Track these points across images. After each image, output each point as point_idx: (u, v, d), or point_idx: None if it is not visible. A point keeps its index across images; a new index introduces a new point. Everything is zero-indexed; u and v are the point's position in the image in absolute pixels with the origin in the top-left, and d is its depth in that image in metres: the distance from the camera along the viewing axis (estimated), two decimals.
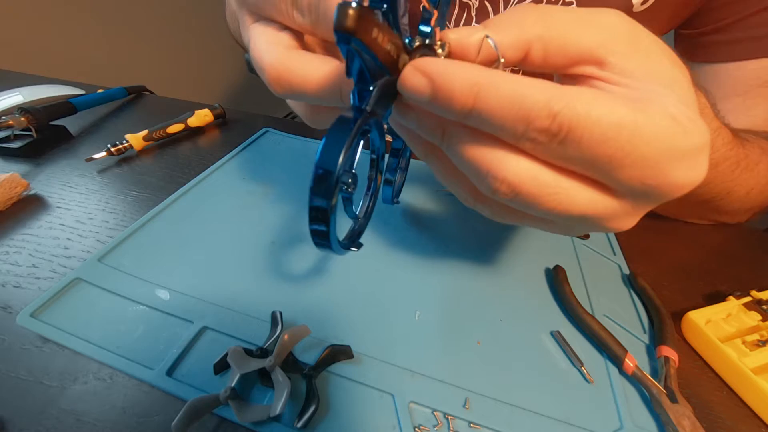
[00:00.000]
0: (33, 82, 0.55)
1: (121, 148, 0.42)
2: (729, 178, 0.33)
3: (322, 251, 0.21)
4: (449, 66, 0.14)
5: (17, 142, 0.41)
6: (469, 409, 0.23)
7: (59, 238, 0.32)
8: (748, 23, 0.36)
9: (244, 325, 0.25)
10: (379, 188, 0.22)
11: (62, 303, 0.26)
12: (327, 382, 0.23)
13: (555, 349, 0.27)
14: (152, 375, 0.22)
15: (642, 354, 0.27)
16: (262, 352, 0.22)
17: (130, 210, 0.35)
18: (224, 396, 0.20)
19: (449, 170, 0.19)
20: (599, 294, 0.31)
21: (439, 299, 0.29)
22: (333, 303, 0.28)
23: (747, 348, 0.25)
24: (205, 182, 0.39)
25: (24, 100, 0.50)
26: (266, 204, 0.37)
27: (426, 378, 0.24)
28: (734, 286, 0.31)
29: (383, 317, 0.27)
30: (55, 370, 0.23)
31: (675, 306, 0.30)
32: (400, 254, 0.32)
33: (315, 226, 0.16)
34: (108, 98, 0.54)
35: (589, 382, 0.25)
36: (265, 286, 0.29)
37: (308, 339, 0.25)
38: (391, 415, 0.22)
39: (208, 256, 0.30)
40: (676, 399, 0.23)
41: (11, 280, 0.28)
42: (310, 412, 0.20)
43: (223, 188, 0.38)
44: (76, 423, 0.21)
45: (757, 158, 0.34)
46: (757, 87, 0.38)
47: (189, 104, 0.55)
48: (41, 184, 0.38)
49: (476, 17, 0.46)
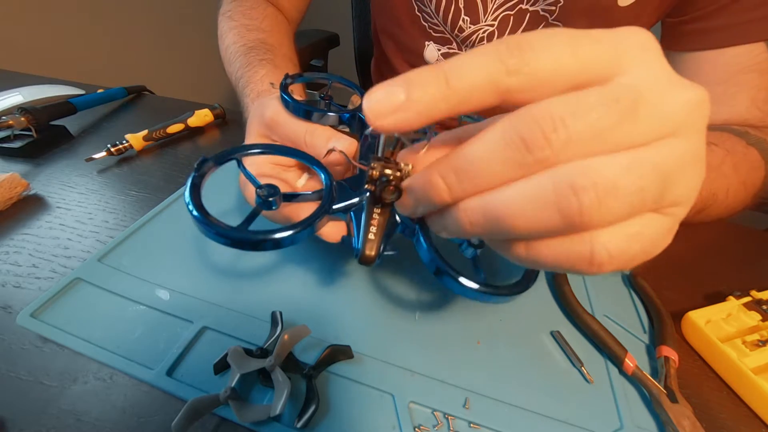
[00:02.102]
0: (33, 82, 0.55)
1: (121, 148, 0.42)
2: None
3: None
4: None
5: (17, 142, 0.41)
6: (469, 409, 0.23)
7: (59, 238, 0.32)
8: (728, 10, 0.36)
9: (244, 325, 0.25)
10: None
11: (62, 303, 0.26)
12: (327, 382, 0.23)
13: (555, 349, 0.27)
14: (152, 375, 0.22)
15: (642, 354, 0.27)
16: (262, 352, 0.22)
17: (130, 210, 0.35)
18: (224, 396, 0.20)
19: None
20: (599, 294, 0.31)
21: (440, 300, 0.29)
22: (333, 303, 0.28)
23: (747, 348, 0.25)
24: (206, 182, 0.39)
25: (24, 100, 0.50)
26: None
27: (426, 378, 0.24)
28: (734, 286, 0.31)
29: (383, 317, 0.27)
30: (55, 370, 0.23)
31: (675, 306, 0.30)
32: (401, 254, 0.32)
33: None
34: (108, 98, 0.54)
35: (589, 382, 0.25)
36: (265, 286, 0.29)
37: (308, 339, 0.25)
38: (391, 415, 0.22)
39: (208, 256, 0.30)
40: (676, 399, 0.23)
41: (11, 280, 0.28)
42: (310, 412, 0.20)
43: (223, 188, 0.38)
44: (76, 423, 0.21)
45: (720, 160, 0.33)
46: (737, 74, 0.38)
47: (189, 104, 0.55)
48: (41, 184, 0.38)
49: (464, 9, 0.46)
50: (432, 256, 0.19)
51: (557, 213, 0.12)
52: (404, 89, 0.13)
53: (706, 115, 0.13)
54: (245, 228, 0.18)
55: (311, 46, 0.89)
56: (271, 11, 0.53)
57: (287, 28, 0.54)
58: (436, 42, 0.52)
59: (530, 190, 0.13)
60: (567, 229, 0.13)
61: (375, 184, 0.19)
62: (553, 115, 0.12)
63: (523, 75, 0.12)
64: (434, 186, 0.15)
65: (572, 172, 0.12)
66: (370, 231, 0.20)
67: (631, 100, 0.12)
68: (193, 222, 0.18)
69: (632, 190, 0.12)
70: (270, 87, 0.37)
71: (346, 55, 0.94)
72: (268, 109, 0.27)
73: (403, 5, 0.51)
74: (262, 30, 0.49)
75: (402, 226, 0.21)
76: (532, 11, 0.44)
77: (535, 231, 0.13)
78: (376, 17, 0.61)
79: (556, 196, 0.12)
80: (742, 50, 0.37)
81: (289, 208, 0.23)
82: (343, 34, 0.96)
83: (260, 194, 0.19)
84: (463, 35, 0.48)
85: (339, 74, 0.31)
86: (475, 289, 0.18)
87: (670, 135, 0.13)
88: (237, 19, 0.50)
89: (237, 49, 0.45)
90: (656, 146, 0.13)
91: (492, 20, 0.46)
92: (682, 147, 0.13)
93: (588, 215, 0.12)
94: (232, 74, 0.45)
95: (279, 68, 0.42)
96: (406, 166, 0.18)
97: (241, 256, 0.31)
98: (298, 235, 0.18)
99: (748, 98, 0.38)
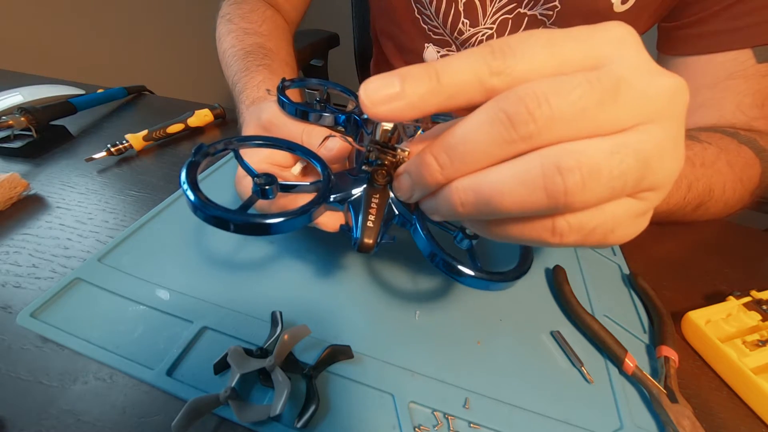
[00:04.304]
0: (33, 82, 0.55)
1: (121, 148, 0.42)
2: (696, 176, 0.33)
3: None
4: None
5: (17, 142, 0.41)
6: (469, 409, 0.23)
7: (59, 238, 0.32)
8: (718, 18, 0.37)
9: (244, 325, 0.25)
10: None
11: (62, 303, 0.26)
12: (327, 382, 0.23)
13: (555, 349, 0.27)
14: (152, 375, 0.22)
15: (642, 354, 0.27)
16: (262, 352, 0.22)
17: (130, 210, 0.35)
18: (224, 396, 0.20)
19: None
20: (599, 294, 0.31)
21: (439, 299, 0.29)
22: (333, 303, 0.28)
23: (747, 348, 0.25)
24: (205, 182, 0.39)
25: (24, 100, 0.50)
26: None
27: (426, 378, 0.24)
28: (734, 286, 0.31)
29: (383, 317, 0.27)
30: (55, 370, 0.23)
31: (675, 306, 0.30)
32: (400, 253, 0.32)
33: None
34: (108, 98, 0.54)
35: (589, 382, 0.25)
36: (265, 286, 0.29)
37: (308, 339, 0.25)
38: (391, 415, 0.22)
39: (208, 256, 0.30)
40: (676, 399, 0.23)
41: (11, 280, 0.28)
42: (310, 412, 0.20)
43: (223, 188, 0.38)
44: (76, 423, 0.21)
45: (714, 157, 0.34)
46: (725, 79, 0.38)
47: (189, 104, 0.55)
48: (41, 184, 0.38)
49: (464, 12, 0.46)
50: (429, 243, 0.20)
51: (544, 193, 0.13)
52: (399, 81, 0.14)
53: (685, 102, 0.14)
54: (242, 212, 0.18)
55: (311, 46, 0.89)
56: (270, 14, 0.53)
57: (286, 32, 0.54)
58: (436, 44, 0.52)
59: (519, 170, 0.13)
60: (551, 210, 0.14)
61: (371, 165, 0.20)
62: (537, 92, 0.13)
63: (505, 75, 0.13)
64: (427, 165, 0.16)
65: (559, 153, 0.13)
66: (368, 219, 0.21)
67: (612, 82, 0.13)
68: (187, 204, 0.18)
69: (615, 174, 0.13)
70: (266, 94, 0.37)
71: (346, 55, 0.94)
72: (265, 111, 0.28)
73: (403, 7, 0.51)
74: (261, 34, 0.49)
75: (399, 217, 0.22)
76: (530, 15, 0.44)
77: (522, 211, 0.14)
78: (375, 18, 0.61)
79: (544, 176, 0.13)
80: (730, 56, 0.38)
81: (285, 198, 0.24)
82: (343, 34, 0.96)
83: (258, 182, 0.19)
84: (462, 38, 0.48)
85: (339, 74, 0.31)
86: (471, 275, 0.19)
87: (650, 121, 0.13)
88: (236, 22, 0.50)
89: (234, 53, 0.45)
90: (637, 131, 0.13)
91: (491, 23, 0.46)
92: (661, 133, 0.13)
93: (572, 196, 0.13)
94: (229, 78, 0.45)
95: (276, 74, 0.42)
96: (402, 152, 0.19)
97: (241, 256, 0.31)
98: (295, 220, 0.18)
99: (734, 103, 0.38)
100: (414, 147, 0.19)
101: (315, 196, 0.20)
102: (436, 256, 0.19)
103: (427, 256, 0.20)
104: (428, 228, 0.20)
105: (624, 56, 0.13)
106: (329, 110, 0.27)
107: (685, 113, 0.14)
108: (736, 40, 0.37)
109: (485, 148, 0.14)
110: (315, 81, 0.31)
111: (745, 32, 0.36)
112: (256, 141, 0.23)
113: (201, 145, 0.19)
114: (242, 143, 0.22)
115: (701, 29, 0.38)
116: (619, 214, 0.14)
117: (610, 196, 0.13)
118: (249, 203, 0.19)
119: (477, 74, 0.14)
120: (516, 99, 0.13)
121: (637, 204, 0.14)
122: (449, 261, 0.19)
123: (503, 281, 0.20)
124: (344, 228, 0.22)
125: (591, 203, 0.13)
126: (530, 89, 0.13)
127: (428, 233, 0.20)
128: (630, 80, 0.13)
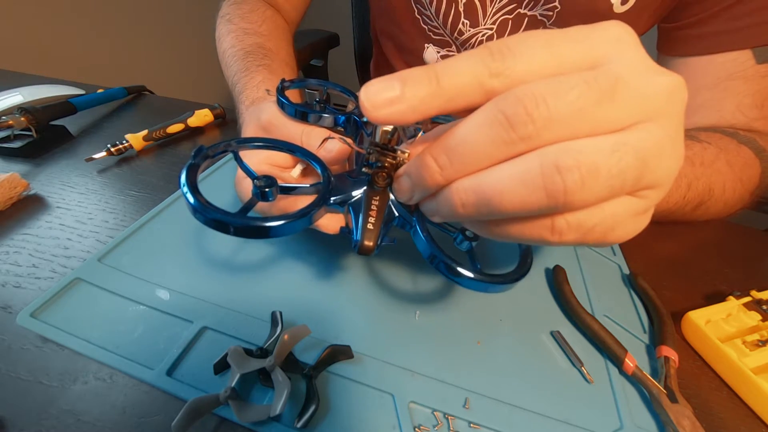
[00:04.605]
0: (33, 82, 0.55)
1: (121, 148, 0.42)
2: (695, 175, 0.33)
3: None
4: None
5: (17, 142, 0.41)
6: (469, 409, 0.23)
7: (59, 238, 0.32)
8: (718, 18, 0.37)
9: (244, 325, 0.25)
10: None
11: (62, 303, 0.26)
12: (327, 382, 0.23)
13: (555, 349, 0.27)
14: (152, 375, 0.22)
15: (642, 354, 0.27)
16: (262, 352, 0.22)
17: (130, 210, 0.35)
18: (224, 396, 0.20)
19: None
20: (599, 294, 0.31)
21: (439, 299, 0.29)
22: (333, 303, 0.28)
23: (747, 348, 0.25)
24: (205, 182, 0.39)
25: (24, 100, 0.50)
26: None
27: (426, 378, 0.24)
28: (734, 286, 0.31)
29: (383, 317, 0.27)
30: (55, 370, 0.23)
31: (675, 306, 0.30)
32: (400, 254, 0.32)
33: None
34: (108, 98, 0.54)
35: (589, 382, 0.25)
36: (265, 286, 0.29)
37: (308, 339, 0.25)
38: (391, 415, 0.22)
39: (208, 256, 0.30)
40: (676, 399, 0.23)
41: (11, 280, 0.28)
42: (310, 412, 0.20)
43: (222, 189, 0.38)
44: (76, 423, 0.21)
45: (714, 156, 0.34)
46: (725, 80, 0.38)
47: (189, 104, 0.55)
48: (41, 184, 0.38)
49: (464, 13, 0.46)
50: (429, 245, 0.20)
51: (543, 192, 0.13)
52: (399, 85, 0.14)
53: (683, 101, 0.14)
54: (242, 215, 0.18)
55: (311, 46, 0.89)
56: (270, 14, 0.53)
57: (286, 32, 0.54)
58: (436, 44, 0.52)
59: (518, 170, 0.13)
60: (551, 209, 0.14)
61: (371, 167, 0.20)
62: (535, 93, 0.13)
63: (504, 77, 0.14)
64: (427, 167, 0.16)
65: (557, 152, 0.13)
66: (368, 221, 0.21)
67: (609, 82, 0.13)
68: (187, 207, 0.18)
69: (613, 173, 0.13)
70: (265, 94, 0.37)
71: (346, 55, 0.94)
72: (264, 112, 0.28)
73: (404, 8, 0.51)
74: (260, 34, 0.49)
75: (399, 219, 0.22)
76: (530, 15, 0.44)
77: (522, 211, 0.14)
78: (375, 19, 0.61)
79: (543, 175, 0.13)
80: (730, 57, 0.38)
81: (285, 201, 0.24)
82: (343, 34, 0.96)
83: (258, 185, 0.19)
84: (462, 38, 0.48)
85: (339, 74, 0.31)
86: (470, 277, 0.19)
87: (648, 119, 0.13)
88: (235, 22, 0.50)
89: (234, 53, 0.45)
90: (635, 130, 0.13)
91: (491, 24, 0.46)
92: (660, 131, 0.13)
93: (571, 195, 0.13)
94: (228, 78, 0.45)
95: (275, 74, 0.42)
96: (402, 154, 0.19)
97: (241, 256, 0.31)
98: (295, 223, 0.18)
99: (734, 104, 0.38)
100: (414, 149, 0.19)
101: (315, 198, 0.20)
102: (435, 257, 0.19)
103: (426, 258, 0.20)
104: (428, 230, 0.20)
105: (622, 55, 0.13)
106: (329, 111, 0.27)
107: (683, 111, 0.14)
108: (736, 40, 0.37)
109: (485, 149, 0.14)
110: (315, 81, 0.31)
111: (744, 33, 0.36)
112: (256, 143, 0.23)
113: (201, 147, 0.19)
114: (242, 145, 0.22)
115: (701, 30, 0.39)
116: (619, 213, 0.14)
117: (610, 195, 0.13)
118: (249, 206, 0.19)
119: (476, 76, 0.14)
120: (514, 100, 0.13)
121: (636, 202, 0.14)
122: (449, 263, 0.19)
123: (502, 283, 0.20)
124: (344, 230, 0.22)
125: (590, 202, 0.13)
126: (528, 90, 0.13)
127: (428, 235, 0.20)
128: (628, 79, 0.13)
